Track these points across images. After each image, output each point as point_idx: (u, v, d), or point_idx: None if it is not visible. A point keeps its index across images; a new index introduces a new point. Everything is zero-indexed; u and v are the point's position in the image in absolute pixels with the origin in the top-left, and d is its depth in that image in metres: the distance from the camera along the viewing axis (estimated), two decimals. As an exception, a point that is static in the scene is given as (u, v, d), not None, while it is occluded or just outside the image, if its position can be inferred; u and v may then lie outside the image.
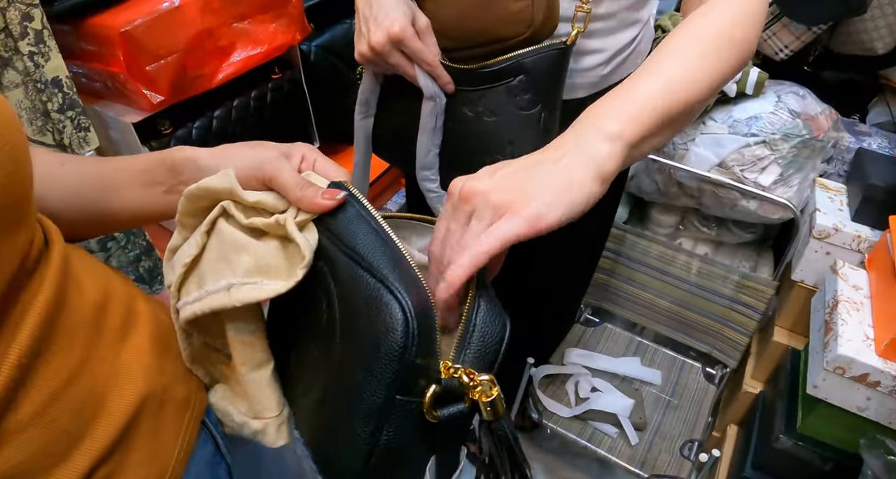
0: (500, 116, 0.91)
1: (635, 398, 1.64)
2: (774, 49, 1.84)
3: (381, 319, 0.47)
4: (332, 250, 0.53)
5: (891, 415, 1.25)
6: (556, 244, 1.51)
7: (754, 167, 1.63)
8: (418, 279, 0.50)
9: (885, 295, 1.27)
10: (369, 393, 0.47)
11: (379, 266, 0.49)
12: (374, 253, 0.50)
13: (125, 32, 1.00)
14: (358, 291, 0.49)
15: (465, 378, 0.47)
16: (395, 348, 0.46)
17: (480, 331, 0.50)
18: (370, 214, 0.53)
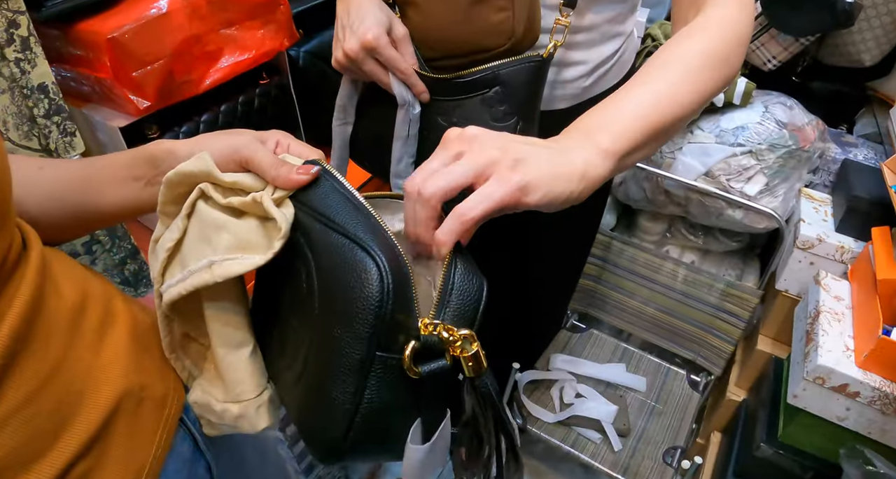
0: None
1: (620, 405, 1.65)
2: (763, 59, 1.86)
3: (357, 275, 0.48)
4: (307, 221, 0.54)
5: (870, 425, 1.26)
6: (541, 249, 1.52)
7: (740, 177, 1.64)
8: (392, 240, 0.51)
9: (866, 306, 1.28)
10: (349, 350, 0.48)
11: (353, 229, 0.50)
12: (347, 218, 0.51)
13: (112, 39, 1.00)
14: (334, 254, 0.50)
15: (445, 333, 0.48)
16: (372, 303, 0.46)
17: (458, 290, 0.51)
18: (343, 186, 0.55)
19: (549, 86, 1.08)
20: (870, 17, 1.73)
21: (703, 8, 0.80)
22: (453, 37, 0.92)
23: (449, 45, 0.93)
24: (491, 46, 0.91)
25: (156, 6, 1.07)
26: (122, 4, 1.10)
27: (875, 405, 1.22)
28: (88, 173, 0.62)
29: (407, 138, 0.97)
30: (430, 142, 0.96)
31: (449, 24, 0.92)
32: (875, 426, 1.25)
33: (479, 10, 0.88)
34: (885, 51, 1.79)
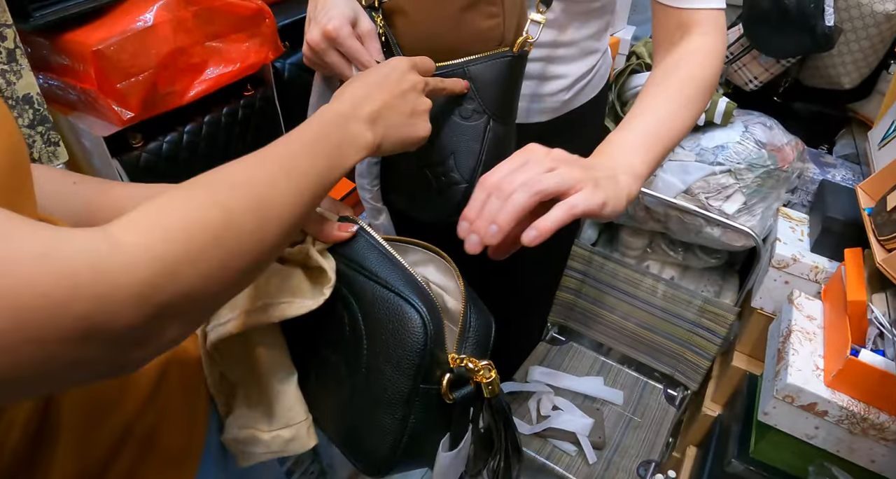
0: (443, 126, 0.88)
1: (596, 418, 1.67)
2: (744, 79, 1.89)
3: (403, 325, 0.58)
4: (350, 274, 0.63)
5: (838, 444, 1.28)
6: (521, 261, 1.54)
7: (719, 195, 1.66)
8: (426, 289, 0.62)
9: (837, 327, 1.31)
10: (398, 385, 0.59)
11: (394, 283, 0.61)
12: (388, 273, 0.62)
13: (98, 51, 1.02)
14: (380, 305, 0.60)
15: (470, 365, 0.60)
16: (417, 347, 0.58)
17: (475, 327, 0.64)
18: (378, 241, 0.65)
19: (530, 99, 1.10)
20: (849, 41, 1.76)
21: (690, 34, 0.92)
22: (443, 44, 0.91)
23: (438, 53, 0.92)
24: (480, 53, 0.90)
25: (142, 19, 1.09)
26: (108, 16, 1.12)
27: (843, 425, 1.24)
28: (116, 197, 0.66)
29: None
30: None
31: (438, 30, 0.91)
32: (843, 445, 1.27)
33: (469, 16, 0.88)
34: (864, 74, 1.83)
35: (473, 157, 0.87)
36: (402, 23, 0.92)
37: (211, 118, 1.27)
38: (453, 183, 0.88)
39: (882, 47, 1.77)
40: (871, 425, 1.21)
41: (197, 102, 1.22)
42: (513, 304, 1.65)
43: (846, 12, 1.73)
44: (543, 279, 1.69)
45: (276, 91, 1.40)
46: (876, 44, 1.75)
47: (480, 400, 0.62)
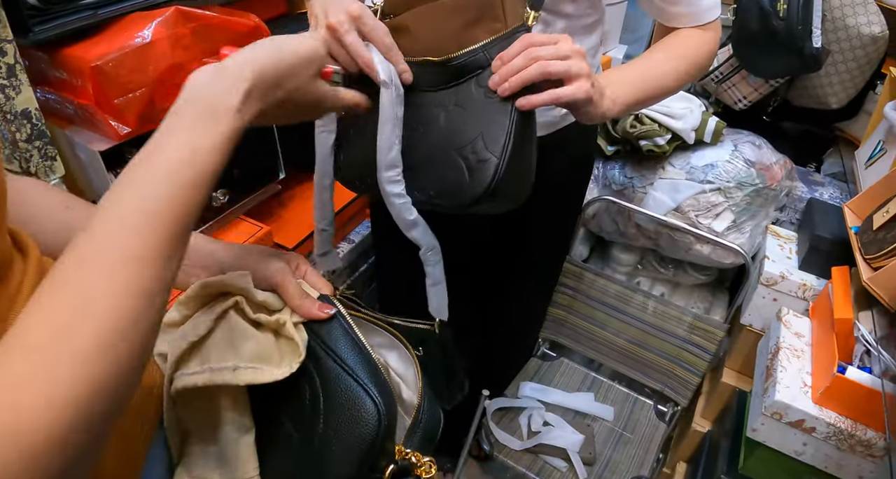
0: (469, 109, 0.88)
1: (587, 433, 1.67)
2: (734, 99, 1.91)
3: (360, 414, 0.62)
4: (320, 354, 0.66)
5: (826, 460, 1.29)
6: (513, 277, 1.55)
7: (709, 213, 1.68)
8: (388, 385, 0.65)
9: (824, 344, 1.32)
10: (344, 468, 0.62)
11: (359, 373, 0.64)
12: (355, 362, 0.65)
13: (96, 66, 1.03)
14: (342, 390, 0.64)
15: (414, 459, 0.64)
16: (368, 438, 0.61)
17: (425, 422, 0.68)
18: (352, 328, 0.68)
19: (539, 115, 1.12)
20: (837, 62, 1.79)
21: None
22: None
23: None
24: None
25: (140, 35, 1.10)
26: (107, 32, 1.13)
27: (830, 441, 1.25)
28: None
29: (396, 121, 0.91)
30: (429, 137, 0.91)
31: (442, 46, 0.91)
32: (831, 461, 1.29)
33: (473, 32, 0.89)
34: (851, 94, 1.85)
35: (503, 131, 0.85)
36: (405, 40, 0.93)
37: (206, 133, 1.28)
38: (483, 160, 0.85)
39: (868, 68, 1.80)
40: (859, 441, 1.22)
41: (193, 118, 1.23)
42: (504, 319, 1.66)
43: (834, 34, 1.76)
44: (535, 295, 1.71)
45: (271, 107, 1.41)
46: (863, 65, 1.78)
47: None
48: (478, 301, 1.57)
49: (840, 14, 1.73)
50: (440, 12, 0.91)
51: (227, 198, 1.38)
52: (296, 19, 1.58)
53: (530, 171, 0.92)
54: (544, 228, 1.44)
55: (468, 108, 0.88)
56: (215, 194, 1.35)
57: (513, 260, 1.51)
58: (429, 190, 0.91)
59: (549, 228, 1.48)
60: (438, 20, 0.91)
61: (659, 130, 1.69)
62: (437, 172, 0.89)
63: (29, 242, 0.56)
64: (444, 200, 0.90)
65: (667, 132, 1.70)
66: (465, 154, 0.87)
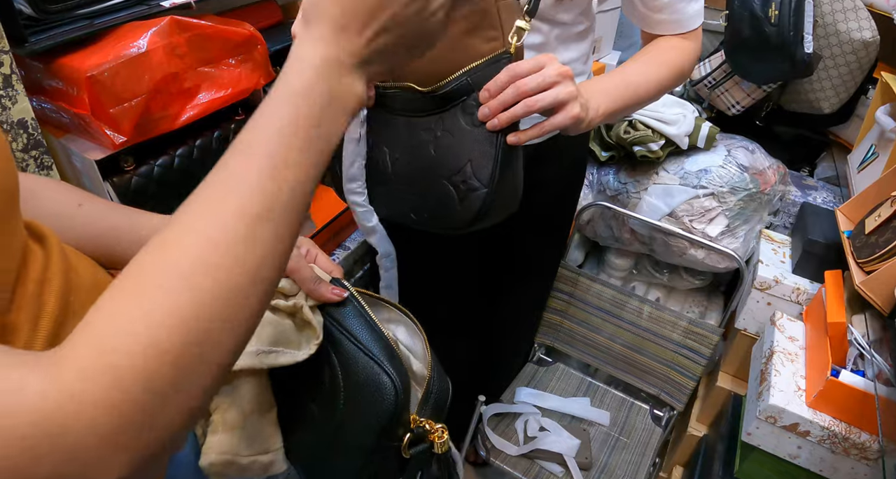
0: (456, 136, 0.90)
1: (583, 438, 1.68)
2: (727, 104, 1.92)
3: (379, 391, 0.66)
4: (336, 334, 0.70)
5: (821, 463, 1.30)
6: (510, 283, 1.56)
7: (703, 218, 1.69)
8: (400, 359, 0.69)
9: (818, 348, 1.33)
10: (365, 439, 0.67)
11: (374, 351, 0.68)
12: (369, 340, 0.69)
13: (91, 77, 1.03)
14: (360, 369, 0.68)
15: (428, 426, 0.69)
16: (387, 412, 0.65)
17: (436, 392, 0.72)
18: (364, 309, 0.72)
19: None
20: (828, 67, 1.80)
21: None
22: (441, 68, 0.93)
23: (437, 77, 0.94)
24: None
25: (135, 45, 1.10)
26: (102, 41, 1.13)
27: (825, 444, 1.26)
28: (124, 225, 0.69)
29: (359, 140, 1.00)
30: (419, 162, 0.94)
31: (438, 55, 0.93)
32: (826, 465, 1.29)
33: (469, 41, 0.90)
34: (843, 99, 1.87)
35: (490, 160, 0.88)
36: None
37: (202, 142, 1.28)
38: (472, 189, 0.89)
39: (860, 73, 1.81)
40: (853, 444, 1.23)
41: (188, 127, 1.23)
42: (500, 325, 1.67)
43: (825, 40, 1.77)
44: (530, 300, 1.71)
45: (267, 115, 1.42)
46: (854, 70, 1.79)
47: (432, 455, 0.70)
48: (474, 307, 1.57)
49: (831, 20, 1.74)
50: None
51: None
52: (289, 27, 1.59)
53: (518, 187, 0.95)
54: (539, 232, 1.45)
55: (455, 135, 0.90)
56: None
57: (508, 266, 1.51)
58: (423, 213, 0.97)
59: (544, 233, 1.48)
60: None
61: (652, 135, 1.70)
62: (430, 197, 0.94)
63: (47, 231, 0.57)
64: (437, 222, 0.96)
65: (660, 138, 1.71)
66: (455, 182, 0.91)
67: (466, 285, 1.50)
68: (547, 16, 1.04)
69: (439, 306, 1.51)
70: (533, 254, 1.51)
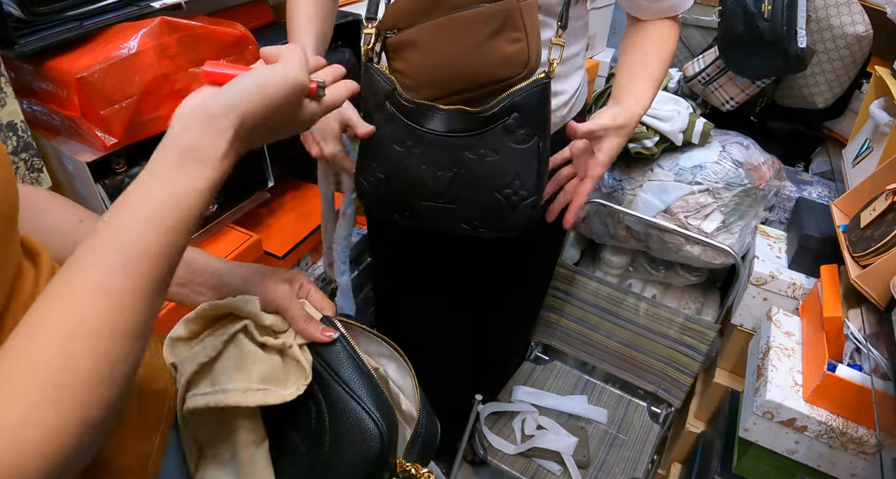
0: (502, 154, 0.99)
1: (580, 436, 1.67)
2: (721, 100, 1.92)
3: (365, 437, 0.65)
4: (325, 375, 0.69)
5: (819, 458, 1.29)
6: (505, 282, 1.55)
7: (698, 214, 1.69)
8: (388, 402, 0.69)
9: (814, 342, 1.33)
10: None
11: (362, 397, 0.67)
12: (358, 385, 0.68)
13: (81, 78, 1.03)
14: (346, 413, 0.67)
15: (414, 471, 0.67)
16: (372, 457, 0.64)
17: (424, 436, 0.71)
18: (354, 350, 0.71)
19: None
20: (822, 62, 1.80)
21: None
22: (466, 71, 0.96)
23: (459, 81, 0.97)
24: (506, 76, 0.96)
25: (126, 46, 1.10)
26: (92, 43, 1.13)
27: (822, 439, 1.25)
28: None
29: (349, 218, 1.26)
30: (467, 178, 1.02)
31: (462, 59, 0.95)
32: (824, 459, 1.29)
33: (494, 43, 0.93)
34: (836, 94, 1.87)
35: (534, 172, 1.01)
36: (413, 55, 0.96)
37: (194, 143, 1.28)
38: (523, 199, 1.01)
39: (854, 68, 1.81)
40: (851, 439, 1.23)
41: (180, 127, 1.23)
42: (498, 323, 1.66)
43: (818, 34, 1.77)
44: (528, 299, 1.71)
45: (259, 116, 1.41)
46: (848, 64, 1.79)
47: None
48: (472, 308, 1.57)
49: (824, 14, 1.74)
50: (454, 26, 0.93)
51: (215, 207, 1.38)
52: (282, 27, 1.58)
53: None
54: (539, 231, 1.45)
55: (500, 152, 0.99)
56: (204, 204, 1.35)
57: (507, 266, 1.51)
58: (474, 221, 1.06)
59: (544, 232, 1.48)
60: (453, 34, 0.94)
61: (647, 132, 1.70)
62: (482, 208, 1.04)
63: (41, 249, 0.57)
64: (489, 229, 1.06)
65: (655, 134, 1.70)
66: (506, 194, 1.01)
67: (466, 288, 1.50)
68: (556, 12, 1.04)
69: (440, 321, 1.51)
70: (533, 252, 1.51)
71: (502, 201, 1.02)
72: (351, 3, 1.76)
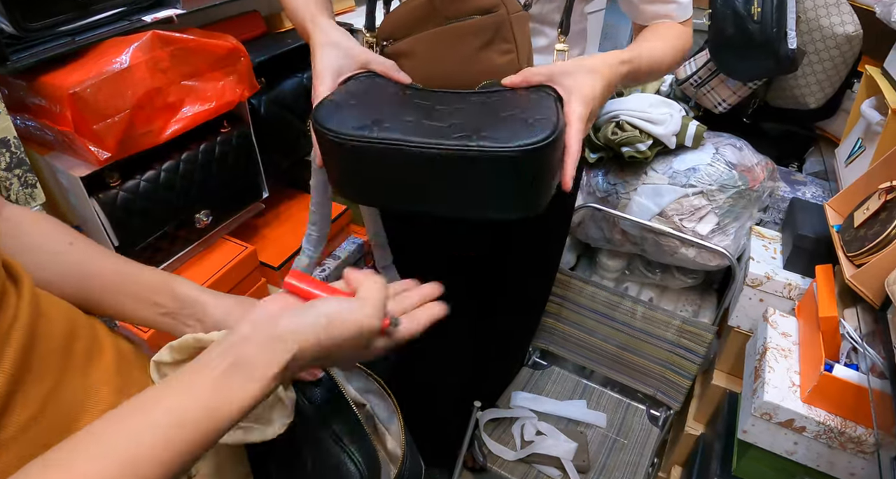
0: (511, 96, 0.88)
1: (580, 441, 1.67)
2: (713, 102, 1.93)
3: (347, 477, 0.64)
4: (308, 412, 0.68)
5: (818, 459, 1.29)
6: (506, 290, 1.56)
7: (693, 216, 1.69)
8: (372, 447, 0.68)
9: (810, 342, 1.33)
10: None
11: (344, 439, 0.66)
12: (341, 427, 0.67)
13: (74, 93, 1.03)
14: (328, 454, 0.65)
15: None
16: None
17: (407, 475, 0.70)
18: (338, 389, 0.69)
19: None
20: (813, 62, 1.80)
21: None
22: (458, 82, 0.95)
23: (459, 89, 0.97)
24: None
25: (118, 60, 1.10)
26: (85, 58, 1.13)
27: (821, 439, 1.26)
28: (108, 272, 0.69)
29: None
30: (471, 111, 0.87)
31: (455, 70, 0.95)
32: (823, 460, 1.29)
33: (485, 54, 0.93)
34: (828, 94, 1.87)
35: (551, 110, 0.84)
36: (408, 65, 0.96)
37: (188, 156, 1.28)
38: (538, 120, 0.83)
39: (844, 68, 1.82)
40: (849, 438, 1.23)
41: (174, 140, 1.23)
42: (495, 329, 1.66)
43: (808, 35, 1.77)
44: (532, 305, 1.71)
45: (253, 127, 1.42)
46: (838, 64, 1.80)
47: None
48: (470, 315, 1.57)
49: (814, 15, 1.75)
50: (448, 37, 0.94)
51: (210, 219, 1.39)
52: (274, 38, 1.59)
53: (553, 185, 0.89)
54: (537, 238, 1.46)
55: (510, 95, 0.88)
56: (199, 215, 1.35)
57: (505, 273, 1.51)
58: (482, 131, 0.80)
59: (542, 239, 1.49)
60: (447, 44, 0.94)
61: (640, 136, 1.70)
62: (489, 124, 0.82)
63: (22, 273, 0.57)
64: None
65: (648, 138, 1.71)
66: (519, 117, 0.82)
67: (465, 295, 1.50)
68: (550, 20, 1.05)
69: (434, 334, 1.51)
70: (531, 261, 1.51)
71: (517, 121, 0.81)
72: (341, 14, 1.77)
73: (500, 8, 0.92)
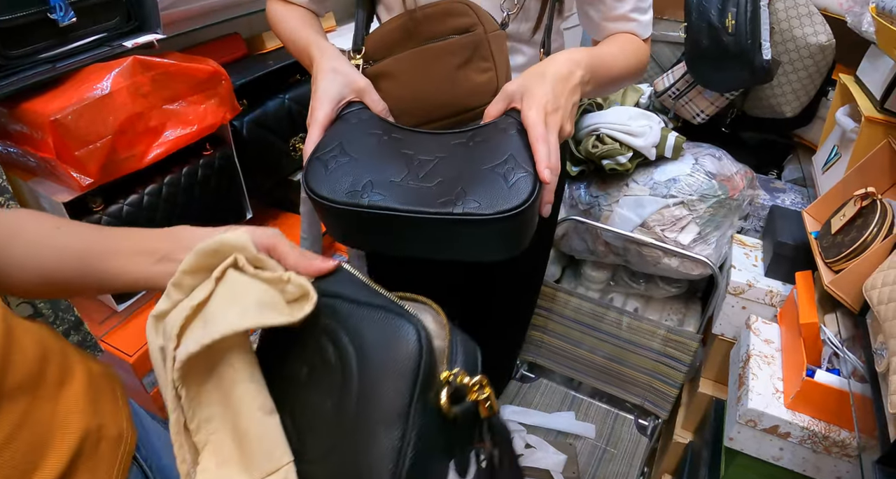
0: (493, 140, 0.88)
1: (569, 453, 1.68)
2: (692, 113, 1.95)
3: (398, 335, 0.55)
4: (331, 302, 0.60)
5: (804, 464, 1.31)
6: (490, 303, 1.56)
7: (674, 227, 1.71)
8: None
9: (792, 349, 1.34)
10: (395, 400, 0.53)
11: (380, 301, 0.58)
12: (370, 296, 0.59)
13: (55, 120, 1.04)
14: (368, 323, 0.57)
15: (465, 379, 0.54)
16: (415, 354, 0.54)
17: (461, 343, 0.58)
18: (355, 274, 0.63)
19: None
20: (787, 72, 1.83)
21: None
22: (439, 101, 0.97)
23: (433, 109, 0.98)
24: (476, 105, 0.96)
25: (99, 86, 1.11)
26: (66, 84, 1.14)
27: (806, 444, 1.27)
28: (103, 240, 0.67)
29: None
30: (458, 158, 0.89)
31: (434, 89, 0.97)
32: (809, 465, 1.30)
33: (464, 73, 0.95)
34: (804, 102, 1.90)
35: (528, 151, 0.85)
36: (389, 85, 0.97)
37: (171, 179, 1.29)
38: (520, 175, 0.85)
39: (818, 76, 1.85)
40: (833, 442, 1.24)
41: (156, 164, 1.24)
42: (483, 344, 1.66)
43: (783, 46, 1.80)
44: (517, 318, 1.72)
45: (235, 149, 1.42)
46: (813, 74, 1.83)
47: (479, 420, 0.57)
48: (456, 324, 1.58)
49: (787, 26, 1.78)
50: (426, 56, 0.95)
51: (195, 241, 1.39)
52: (255, 60, 1.60)
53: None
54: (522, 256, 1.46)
55: (492, 140, 0.88)
56: (184, 238, 1.36)
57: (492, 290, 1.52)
58: (480, 200, 0.84)
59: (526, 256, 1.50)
60: (426, 64, 0.96)
61: (620, 148, 1.72)
62: (483, 186, 0.84)
63: None
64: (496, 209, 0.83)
65: (628, 150, 1.73)
66: (499, 172, 0.84)
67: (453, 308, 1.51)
68: (526, 39, 1.07)
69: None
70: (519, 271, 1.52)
71: (497, 178, 0.84)
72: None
73: (477, 27, 0.94)
